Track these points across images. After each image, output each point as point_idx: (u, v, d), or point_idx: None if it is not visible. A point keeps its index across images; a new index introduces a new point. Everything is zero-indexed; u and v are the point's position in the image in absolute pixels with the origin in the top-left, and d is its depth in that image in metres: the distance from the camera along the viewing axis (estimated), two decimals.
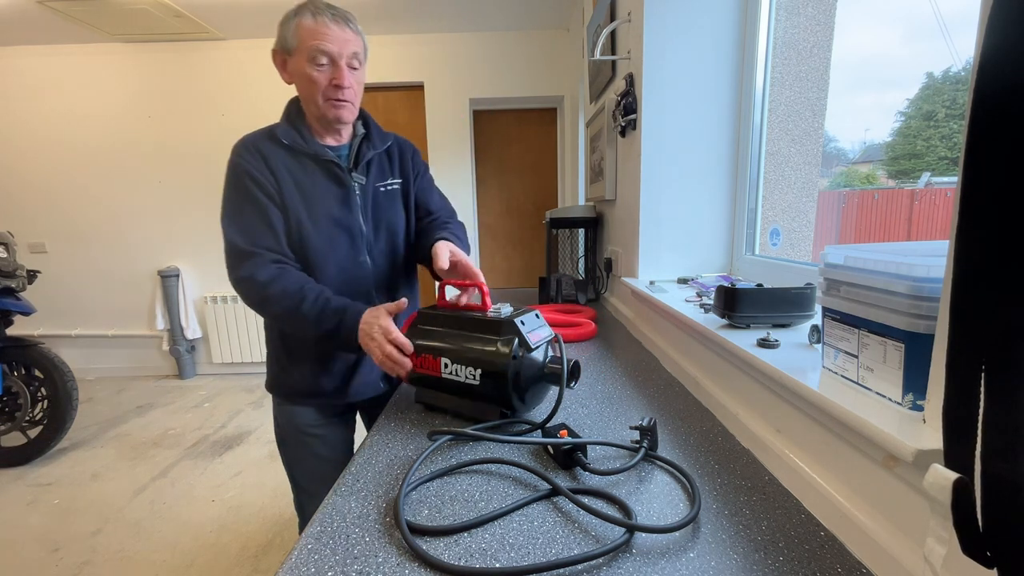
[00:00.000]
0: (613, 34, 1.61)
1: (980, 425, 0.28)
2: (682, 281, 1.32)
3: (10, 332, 2.52)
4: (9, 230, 2.59)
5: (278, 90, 2.01)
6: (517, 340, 0.77)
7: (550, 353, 0.85)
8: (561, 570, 0.47)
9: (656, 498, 0.59)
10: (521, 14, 3.15)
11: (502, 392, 0.76)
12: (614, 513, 0.55)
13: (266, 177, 0.98)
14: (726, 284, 0.86)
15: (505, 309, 0.83)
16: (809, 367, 0.62)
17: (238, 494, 2.18)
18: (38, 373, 2.53)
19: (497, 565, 0.49)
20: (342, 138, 1.07)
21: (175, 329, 3.68)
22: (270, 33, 1.68)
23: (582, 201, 2.98)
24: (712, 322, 0.87)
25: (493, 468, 0.67)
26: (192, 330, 3.70)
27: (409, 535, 0.52)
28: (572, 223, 2.00)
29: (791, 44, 1.79)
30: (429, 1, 2.91)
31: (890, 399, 0.49)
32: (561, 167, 3.70)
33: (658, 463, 0.67)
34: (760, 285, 0.86)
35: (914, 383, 0.47)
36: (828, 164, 1.90)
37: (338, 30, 0.95)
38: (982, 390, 0.28)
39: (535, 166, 3.74)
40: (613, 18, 1.59)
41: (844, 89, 1.75)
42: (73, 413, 2.57)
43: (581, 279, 1.82)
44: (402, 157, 1.15)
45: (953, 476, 0.29)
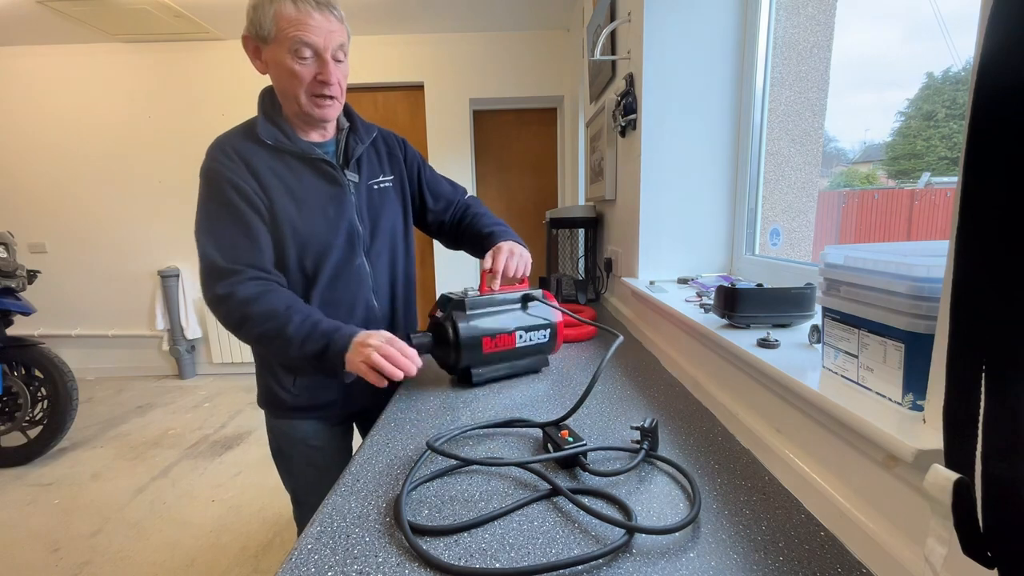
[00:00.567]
0: (613, 34, 1.61)
1: (980, 425, 0.28)
2: (682, 281, 1.32)
3: (10, 332, 2.52)
4: (9, 230, 2.59)
5: None
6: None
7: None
8: (561, 571, 0.47)
9: (656, 498, 0.59)
10: (521, 14, 3.14)
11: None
12: (614, 514, 0.55)
13: (248, 183, 0.88)
14: (726, 284, 0.86)
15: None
16: (809, 367, 0.62)
17: (238, 494, 2.18)
18: (38, 373, 2.53)
19: (497, 565, 0.49)
20: (327, 133, 0.98)
21: (175, 329, 3.68)
22: None
23: (582, 201, 2.98)
24: (712, 322, 0.87)
25: (493, 468, 0.67)
26: (192, 330, 3.70)
27: (411, 535, 0.52)
28: (572, 223, 2.00)
29: (791, 44, 1.79)
30: (429, 1, 2.91)
31: (890, 399, 0.49)
32: (561, 167, 3.70)
33: (658, 464, 0.67)
34: (760, 285, 0.86)
35: (914, 383, 0.47)
36: (828, 164, 1.90)
37: (322, 19, 0.84)
38: (982, 390, 0.28)
39: (535, 166, 3.74)
40: (613, 18, 1.59)
41: (844, 89, 1.75)
42: (73, 413, 2.57)
43: (581, 279, 1.82)
44: (391, 152, 1.07)
45: (953, 476, 0.29)
